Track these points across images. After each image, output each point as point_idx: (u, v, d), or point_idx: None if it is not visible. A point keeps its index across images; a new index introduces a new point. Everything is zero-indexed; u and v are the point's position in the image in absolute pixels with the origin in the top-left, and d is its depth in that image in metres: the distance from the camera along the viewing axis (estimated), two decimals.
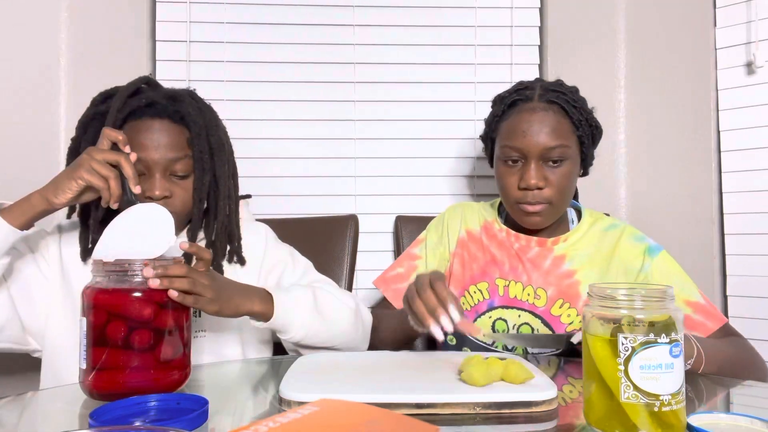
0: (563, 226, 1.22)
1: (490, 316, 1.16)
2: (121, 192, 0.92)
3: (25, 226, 0.93)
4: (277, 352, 1.14)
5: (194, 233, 1.06)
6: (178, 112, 1.03)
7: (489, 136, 1.21)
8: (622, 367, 0.60)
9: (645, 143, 1.61)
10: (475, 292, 1.19)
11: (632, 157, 1.61)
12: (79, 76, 1.51)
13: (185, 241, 0.90)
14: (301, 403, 0.67)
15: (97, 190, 0.92)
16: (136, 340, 0.75)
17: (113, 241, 0.87)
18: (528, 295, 1.15)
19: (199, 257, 0.87)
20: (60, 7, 1.50)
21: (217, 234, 1.08)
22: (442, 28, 1.61)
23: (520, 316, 1.15)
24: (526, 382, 0.74)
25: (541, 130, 1.10)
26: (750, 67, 1.54)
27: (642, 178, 1.61)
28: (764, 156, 1.53)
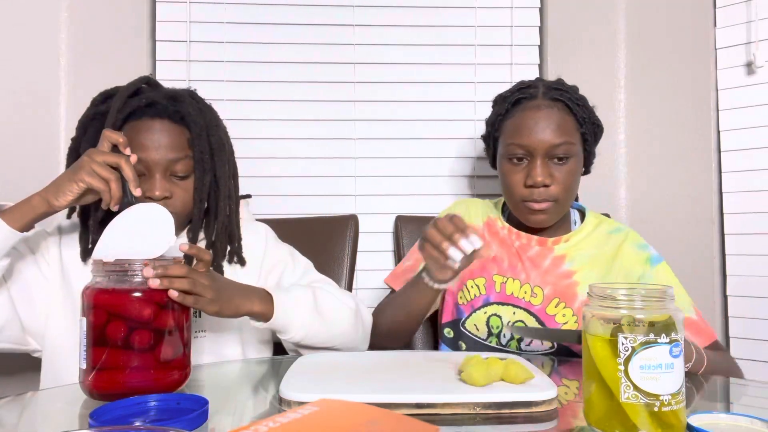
0: (565, 226, 1.22)
1: (485, 312, 1.17)
2: (122, 194, 0.92)
3: (25, 228, 0.93)
4: (277, 352, 1.14)
5: (195, 234, 1.06)
6: (178, 112, 1.03)
7: (492, 136, 1.21)
8: (622, 367, 0.60)
9: (645, 143, 1.61)
10: (472, 287, 1.19)
11: (632, 157, 1.61)
12: (79, 76, 1.51)
13: (185, 242, 0.90)
14: (301, 403, 0.67)
15: (98, 192, 0.92)
16: (136, 340, 0.75)
17: (113, 241, 0.87)
18: (525, 292, 1.16)
19: (199, 258, 0.87)
20: (60, 7, 1.50)
21: (218, 234, 1.08)
22: (442, 28, 1.61)
23: (515, 313, 1.15)
24: (526, 382, 0.74)
25: (547, 126, 1.11)
26: (750, 67, 1.54)
27: (642, 178, 1.61)
28: (764, 156, 1.53)
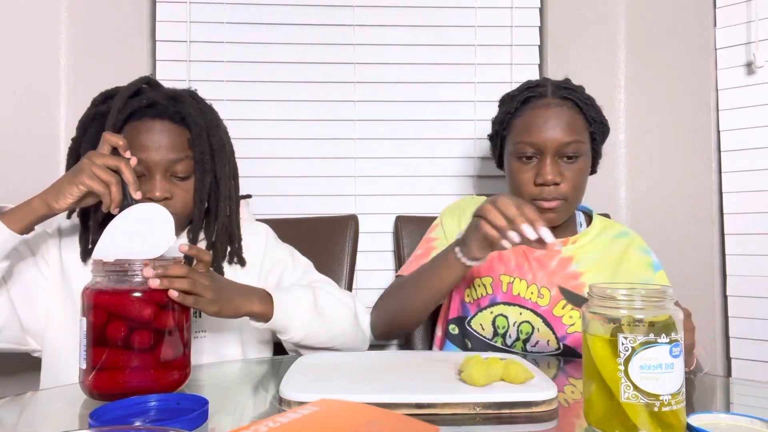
0: (571, 227, 1.22)
1: (492, 312, 1.16)
2: (122, 197, 0.92)
3: (25, 230, 0.93)
4: (277, 352, 1.14)
5: (195, 234, 1.06)
6: (179, 113, 1.03)
7: (499, 134, 1.20)
8: (622, 367, 0.60)
9: (645, 143, 1.61)
10: (479, 286, 1.18)
11: (632, 157, 1.61)
12: (79, 76, 1.51)
13: (185, 243, 0.90)
14: (301, 403, 0.67)
15: (98, 195, 0.92)
16: (136, 340, 0.75)
17: (113, 241, 0.87)
18: (531, 293, 1.15)
19: (199, 259, 0.87)
20: (60, 7, 1.50)
21: (218, 235, 1.07)
22: (442, 28, 1.61)
23: (522, 314, 1.15)
24: (526, 382, 0.74)
25: (557, 125, 1.11)
26: (750, 67, 1.54)
27: (642, 178, 1.61)
28: (764, 156, 1.53)
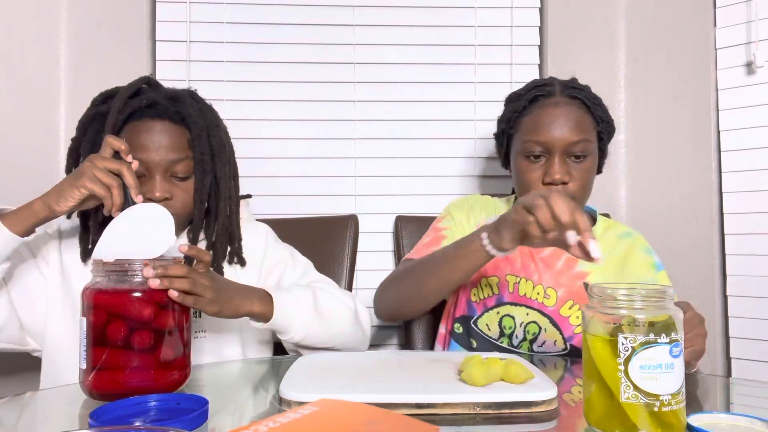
0: None
1: (498, 312, 1.16)
2: (123, 201, 0.92)
3: (26, 232, 0.93)
4: (277, 352, 1.14)
5: (195, 234, 1.06)
6: (179, 113, 1.03)
7: (506, 133, 1.20)
8: (622, 367, 0.60)
9: (645, 143, 1.61)
10: (485, 286, 1.18)
11: (632, 157, 1.61)
12: (79, 76, 1.51)
13: (185, 243, 0.90)
14: (301, 403, 0.67)
15: (100, 198, 0.92)
16: (137, 340, 0.75)
17: (113, 241, 0.87)
18: (538, 293, 1.15)
19: (199, 259, 0.87)
20: (60, 7, 1.50)
21: (218, 235, 1.07)
22: (442, 28, 1.61)
23: (528, 314, 1.14)
24: (526, 382, 0.74)
25: (566, 124, 1.11)
26: (750, 67, 1.54)
27: (642, 178, 1.61)
28: (764, 156, 1.52)
